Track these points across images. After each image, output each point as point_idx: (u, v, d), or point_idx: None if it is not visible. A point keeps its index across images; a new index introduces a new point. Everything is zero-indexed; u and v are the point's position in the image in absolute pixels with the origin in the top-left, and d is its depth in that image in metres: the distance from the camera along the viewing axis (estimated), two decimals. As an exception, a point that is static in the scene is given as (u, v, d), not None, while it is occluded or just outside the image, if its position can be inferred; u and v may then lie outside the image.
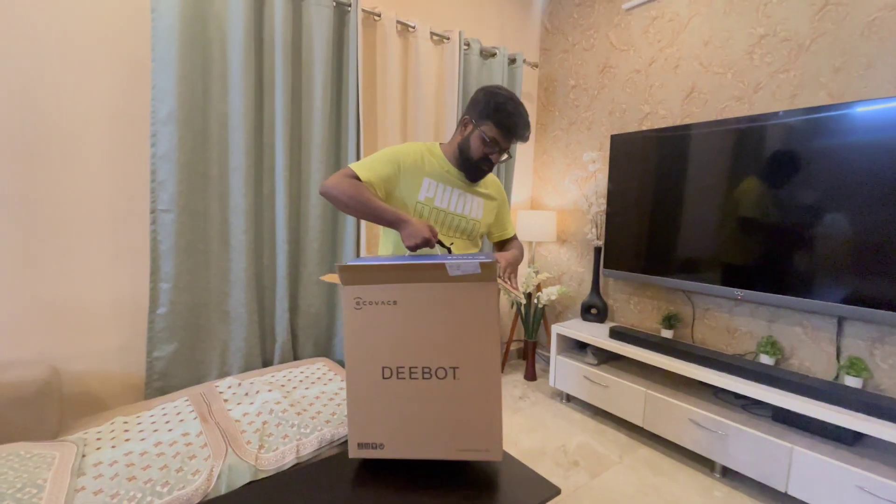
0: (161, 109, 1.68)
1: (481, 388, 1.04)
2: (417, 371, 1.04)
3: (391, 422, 1.05)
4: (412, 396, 1.05)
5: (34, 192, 1.57)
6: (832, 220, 1.73)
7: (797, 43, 1.92)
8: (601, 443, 2.17)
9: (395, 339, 1.04)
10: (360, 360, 1.05)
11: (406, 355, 1.04)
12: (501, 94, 1.26)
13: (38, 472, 1.12)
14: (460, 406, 1.04)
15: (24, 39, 1.52)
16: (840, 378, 1.81)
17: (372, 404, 1.05)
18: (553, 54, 3.07)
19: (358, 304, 1.03)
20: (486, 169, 1.32)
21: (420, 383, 1.04)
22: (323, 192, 1.21)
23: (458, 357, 1.04)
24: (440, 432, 1.05)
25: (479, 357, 1.04)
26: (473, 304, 1.02)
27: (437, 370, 1.04)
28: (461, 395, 1.04)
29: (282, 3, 1.89)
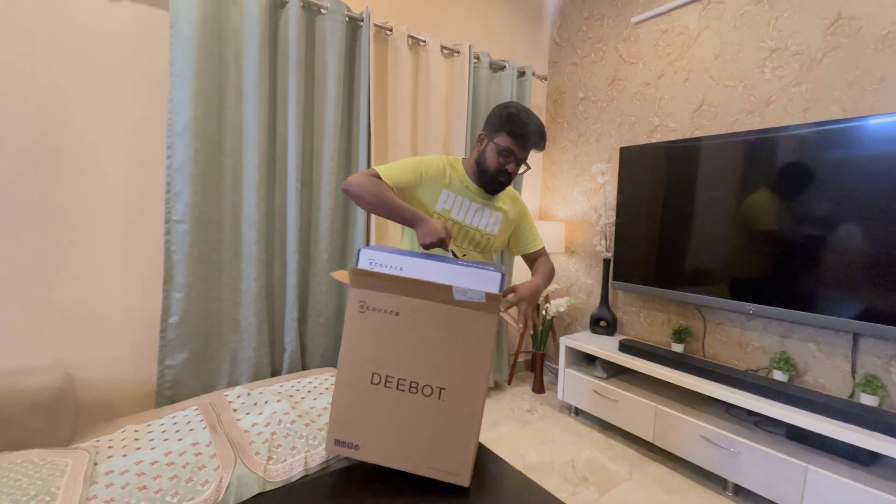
0: (177, 122, 1.72)
1: (463, 412, 1.06)
2: (405, 384, 1.07)
3: (371, 426, 1.08)
4: (395, 407, 1.07)
5: (52, 201, 1.62)
6: (846, 234, 1.71)
7: (809, 57, 1.92)
8: (610, 458, 2.14)
9: (390, 349, 1.07)
10: (353, 360, 1.07)
11: (397, 366, 1.07)
12: (513, 104, 1.28)
13: (52, 480, 1.14)
14: (439, 426, 1.06)
15: (46, 54, 1.57)
16: (855, 396, 1.77)
17: (355, 405, 1.08)
18: (562, 67, 3.08)
19: (362, 307, 1.06)
20: (503, 180, 1.32)
21: (405, 396, 1.07)
22: (345, 188, 1.24)
23: (446, 378, 1.06)
24: (415, 447, 1.07)
25: (467, 382, 1.06)
26: (472, 331, 1.06)
27: (423, 387, 1.07)
28: (442, 416, 1.06)
29: (296, 19, 1.93)
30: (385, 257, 1.06)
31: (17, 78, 1.53)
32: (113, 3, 1.67)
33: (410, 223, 1.20)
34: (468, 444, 1.06)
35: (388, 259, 1.06)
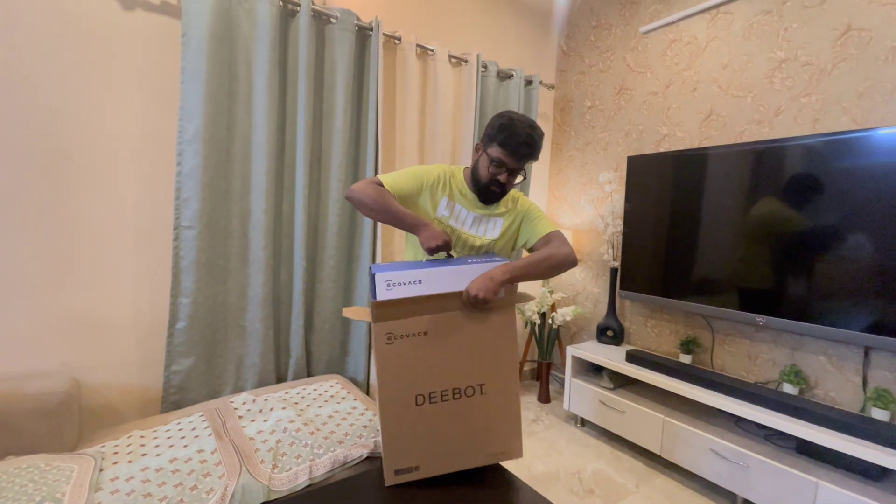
0: (188, 129, 1.74)
1: (504, 396, 1.14)
2: (448, 393, 1.11)
3: (425, 444, 1.12)
4: (444, 417, 1.12)
5: (62, 206, 1.63)
6: (857, 245, 1.69)
7: (818, 68, 1.91)
8: (617, 470, 2.12)
9: (426, 368, 1.10)
10: (393, 391, 1.09)
11: (438, 380, 1.11)
12: (507, 114, 1.27)
13: (57, 486, 1.14)
14: (487, 416, 1.14)
15: (59, 61, 1.59)
16: (867, 410, 1.74)
17: (407, 431, 1.10)
18: (569, 75, 3.09)
19: (390, 339, 1.08)
20: (496, 190, 1.31)
21: (451, 404, 1.12)
22: (348, 195, 1.26)
23: (483, 374, 1.13)
24: (470, 443, 1.14)
25: (503, 370, 1.14)
26: (496, 325, 1.13)
27: (466, 389, 1.12)
28: (488, 407, 1.13)
29: (306, 28, 1.95)
30: (401, 275, 1.08)
31: (29, 84, 1.55)
32: (126, 11, 1.70)
33: (412, 229, 1.22)
34: (516, 421, 1.16)
35: (404, 276, 1.08)
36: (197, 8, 1.71)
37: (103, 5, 1.65)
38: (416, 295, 1.07)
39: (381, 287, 1.06)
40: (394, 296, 1.07)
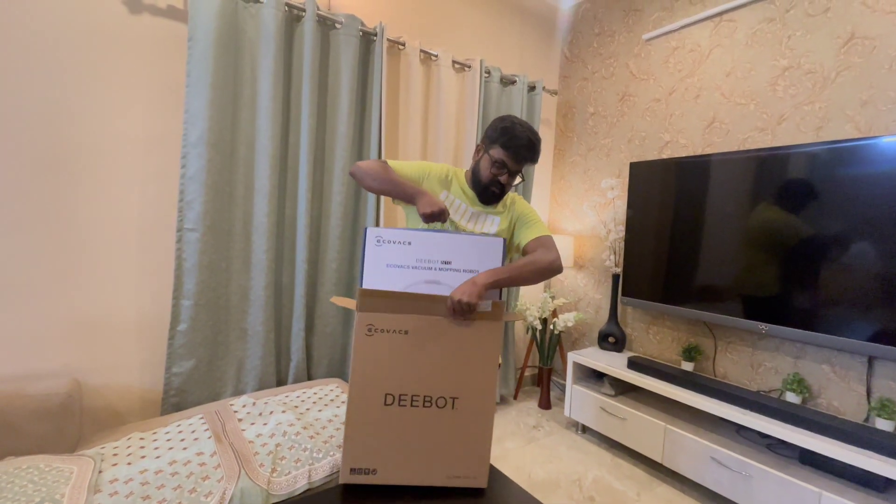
0: (192, 132, 1.75)
1: (477, 418, 1.10)
2: (419, 399, 1.09)
3: (386, 448, 1.08)
4: (410, 424, 1.08)
5: (66, 208, 1.64)
6: (861, 254, 1.68)
7: (822, 76, 1.91)
8: (618, 478, 2.10)
9: (401, 368, 1.08)
10: (364, 385, 1.08)
11: (410, 384, 1.08)
12: (509, 118, 1.31)
13: (57, 487, 1.14)
14: (455, 435, 1.09)
15: (67, 63, 1.61)
16: (870, 420, 1.73)
17: (370, 430, 1.08)
18: (572, 82, 3.10)
19: (370, 330, 1.07)
20: (496, 191, 1.33)
21: (420, 411, 1.09)
22: (353, 171, 1.32)
23: (458, 388, 1.09)
24: (433, 459, 1.09)
25: (479, 389, 1.10)
26: (480, 339, 1.10)
27: (437, 399, 1.09)
28: (457, 425, 1.09)
29: (311, 33, 1.97)
30: (392, 233, 1.09)
31: (36, 86, 1.57)
32: (133, 15, 1.71)
33: (411, 197, 1.25)
34: (484, 447, 1.10)
35: (395, 235, 1.09)
36: (203, 13, 1.73)
37: (111, 9, 1.67)
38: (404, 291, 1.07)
39: (371, 242, 1.07)
40: (383, 252, 1.07)
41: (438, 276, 1.10)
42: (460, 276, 1.12)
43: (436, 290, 1.10)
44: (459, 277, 1.11)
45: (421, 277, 1.09)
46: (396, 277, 1.08)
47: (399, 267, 1.09)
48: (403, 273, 1.09)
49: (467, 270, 1.12)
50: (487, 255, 1.13)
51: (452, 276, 1.11)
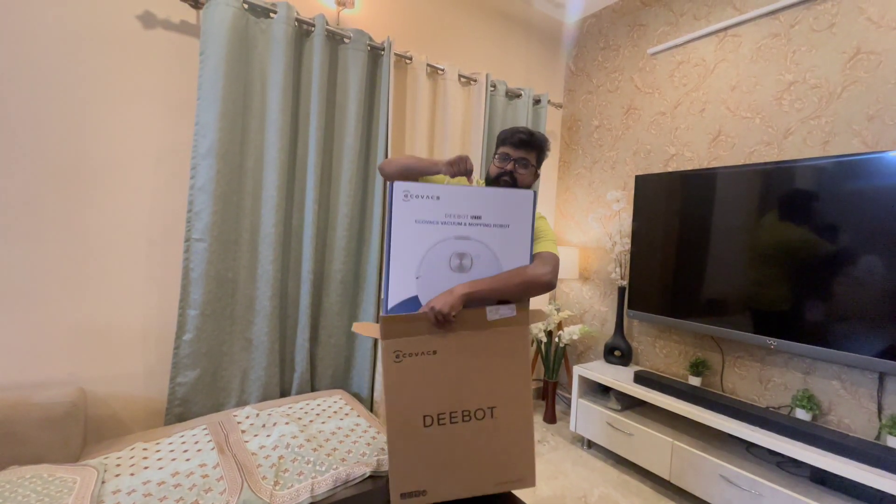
0: (202, 144, 1.78)
1: (517, 422, 1.10)
2: (457, 415, 1.07)
3: (433, 467, 1.07)
4: (453, 440, 1.07)
5: (75, 217, 1.66)
6: (871, 269, 1.66)
7: (828, 90, 1.91)
8: (624, 495, 2.07)
9: (435, 388, 1.07)
10: (400, 412, 1.06)
11: (447, 402, 1.07)
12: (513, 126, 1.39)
13: (59, 497, 1.13)
14: (498, 442, 1.09)
15: (81, 75, 1.64)
16: (882, 438, 1.69)
17: (413, 453, 1.06)
18: (577, 95, 3.12)
19: (398, 356, 1.05)
20: (507, 180, 1.32)
21: (460, 427, 1.07)
22: (380, 166, 1.37)
23: (495, 397, 1.09)
24: (480, 469, 1.09)
25: (515, 394, 1.10)
26: (509, 346, 1.09)
27: (476, 412, 1.08)
28: (499, 432, 1.09)
29: (320, 47, 2.00)
30: (420, 187, 1.05)
31: (50, 97, 1.60)
32: (147, 30, 1.75)
33: (434, 164, 1.25)
34: (529, 447, 1.11)
35: (423, 189, 1.05)
36: (215, 27, 1.76)
37: (125, 23, 1.71)
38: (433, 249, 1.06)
39: (399, 197, 1.03)
40: (411, 208, 1.03)
41: (469, 231, 1.07)
42: (490, 230, 1.08)
43: (466, 246, 1.07)
44: (490, 232, 1.08)
45: (451, 233, 1.05)
46: (425, 234, 1.04)
47: (428, 223, 1.05)
48: (432, 229, 1.05)
49: (497, 225, 1.09)
50: (518, 209, 1.09)
51: (483, 231, 1.08)
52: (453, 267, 1.06)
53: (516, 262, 1.07)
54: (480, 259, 1.07)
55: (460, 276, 1.06)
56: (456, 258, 1.06)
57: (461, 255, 1.06)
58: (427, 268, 1.05)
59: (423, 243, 1.05)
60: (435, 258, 1.05)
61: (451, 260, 1.06)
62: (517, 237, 1.10)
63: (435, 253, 1.05)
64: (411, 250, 1.04)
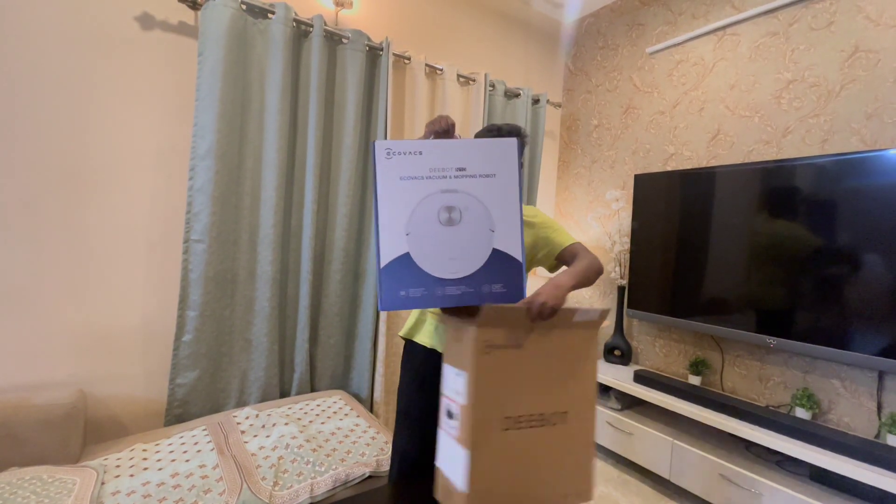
0: (201, 145, 1.78)
1: (584, 430, 1.05)
2: (535, 419, 1.03)
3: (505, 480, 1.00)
4: (526, 449, 1.01)
5: (74, 218, 1.66)
6: (870, 267, 1.66)
7: (826, 89, 1.91)
8: (624, 494, 2.07)
9: (518, 387, 1.02)
10: (484, 412, 0.99)
11: (527, 403, 1.02)
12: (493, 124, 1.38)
13: (59, 498, 1.14)
14: (565, 451, 1.04)
15: (79, 76, 1.65)
16: (882, 436, 1.69)
17: (489, 462, 0.99)
18: (576, 94, 3.12)
19: (488, 349, 1.01)
20: None
21: (533, 433, 1.02)
22: None
23: (566, 402, 1.04)
24: (544, 481, 1.03)
25: (584, 399, 1.06)
26: (583, 348, 1.06)
27: (550, 416, 1.03)
28: (566, 441, 1.04)
29: (318, 48, 2.00)
30: (402, 144, 1.03)
31: (48, 98, 1.60)
32: (145, 31, 1.75)
33: None
34: (591, 459, 1.06)
35: (404, 146, 1.03)
36: (213, 28, 1.76)
37: (123, 24, 1.71)
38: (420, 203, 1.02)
39: (381, 156, 1.01)
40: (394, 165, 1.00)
41: (454, 184, 1.04)
42: (477, 181, 1.05)
43: (454, 199, 1.03)
44: (476, 183, 1.05)
45: (437, 187, 1.03)
46: (412, 190, 1.02)
47: (413, 178, 1.02)
48: (418, 185, 1.02)
49: (483, 175, 1.06)
50: (502, 158, 1.06)
51: (469, 182, 1.05)
52: (442, 221, 1.03)
53: (506, 210, 1.05)
54: (469, 211, 1.04)
55: (450, 229, 1.03)
56: (445, 212, 1.03)
57: (450, 209, 1.04)
58: (416, 223, 1.03)
59: (410, 199, 1.03)
60: (423, 213, 1.03)
61: (439, 214, 1.03)
62: (504, 185, 1.07)
63: (423, 208, 1.03)
64: (399, 207, 1.02)
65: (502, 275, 1.04)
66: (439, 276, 1.02)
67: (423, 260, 1.02)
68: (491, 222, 1.06)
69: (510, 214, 1.06)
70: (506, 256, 1.04)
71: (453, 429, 1.01)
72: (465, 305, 1.00)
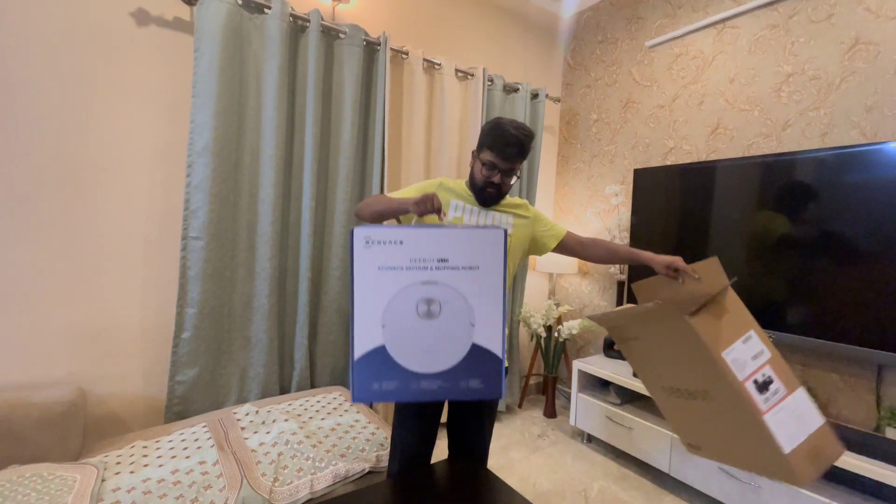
0: (198, 142, 1.77)
1: (735, 405, 1.03)
2: (682, 392, 1.12)
3: (693, 430, 1.14)
4: (692, 412, 1.12)
5: (72, 216, 1.66)
6: (869, 260, 1.66)
7: (826, 81, 1.90)
8: (624, 489, 2.07)
9: (653, 366, 1.18)
10: (648, 380, 1.21)
11: (669, 378, 1.15)
12: (496, 119, 1.30)
13: (59, 496, 1.14)
14: (727, 425, 1.06)
15: (74, 74, 1.64)
16: (881, 429, 1.70)
17: (676, 414, 1.17)
18: (575, 89, 3.11)
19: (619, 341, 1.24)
20: (492, 192, 1.33)
21: (689, 402, 1.11)
22: (356, 209, 1.33)
23: (702, 381, 1.08)
24: (730, 445, 1.08)
25: (718, 379, 1.04)
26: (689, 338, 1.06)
27: (693, 391, 1.10)
28: (723, 415, 1.06)
29: (315, 43, 1.99)
30: (382, 232, 1.00)
31: (43, 96, 1.59)
32: (140, 27, 1.74)
33: (403, 203, 1.20)
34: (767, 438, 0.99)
35: (385, 234, 1.00)
36: (209, 24, 1.75)
37: (118, 20, 1.70)
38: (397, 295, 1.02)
39: (360, 245, 0.99)
40: (373, 255, 0.99)
41: (435, 275, 1.02)
42: (459, 273, 1.03)
43: (434, 291, 1.02)
44: (458, 276, 1.03)
45: (417, 278, 1.01)
46: (390, 281, 1.01)
47: (392, 269, 1.01)
48: (397, 275, 1.01)
49: (466, 267, 1.03)
50: (488, 250, 1.04)
51: (450, 274, 1.03)
52: (421, 313, 1.02)
53: (488, 304, 1.03)
54: (449, 304, 1.02)
55: (429, 322, 1.02)
56: (423, 304, 1.02)
57: (429, 301, 1.02)
58: (393, 315, 1.01)
59: (387, 290, 1.01)
60: (401, 305, 1.01)
61: (418, 306, 1.02)
62: (488, 278, 1.04)
63: (401, 300, 1.01)
64: (375, 299, 1.00)
65: (481, 370, 1.03)
66: (415, 370, 1.01)
67: (398, 353, 1.01)
68: (472, 316, 1.04)
69: (492, 309, 1.04)
70: (485, 352, 1.03)
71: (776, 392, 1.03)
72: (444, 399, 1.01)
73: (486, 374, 1.04)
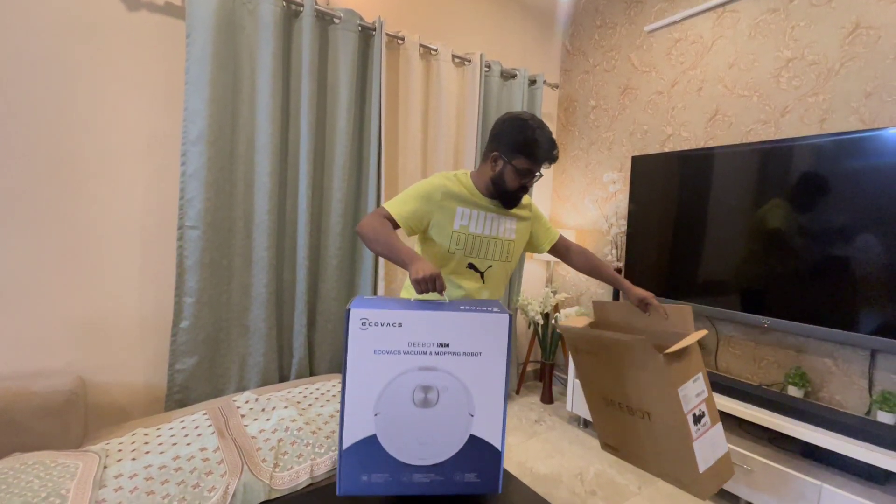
0: (192, 130, 1.75)
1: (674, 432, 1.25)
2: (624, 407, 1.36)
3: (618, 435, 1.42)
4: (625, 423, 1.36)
5: (68, 207, 1.65)
6: (864, 247, 1.67)
7: (826, 67, 1.89)
8: (619, 472, 2.11)
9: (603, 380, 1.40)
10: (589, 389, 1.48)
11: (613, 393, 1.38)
12: (528, 125, 1.24)
13: (62, 482, 1.15)
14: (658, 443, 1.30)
15: (65, 62, 1.61)
16: (872, 413, 1.72)
17: (606, 420, 1.45)
18: (574, 75, 3.08)
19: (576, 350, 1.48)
20: (521, 195, 1.34)
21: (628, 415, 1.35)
22: (357, 230, 1.25)
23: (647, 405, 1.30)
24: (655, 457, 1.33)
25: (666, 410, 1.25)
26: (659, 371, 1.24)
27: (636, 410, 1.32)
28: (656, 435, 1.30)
29: (309, 29, 1.96)
30: (379, 314, 0.95)
31: (34, 85, 1.57)
32: (131, 13, 1.71)
33: (404, 264, 1.14)
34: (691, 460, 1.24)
35: (382, 316, 0.95)
36: (201, 9, 1.72)
37: (107, 6, 1.67)
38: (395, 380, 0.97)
39: (355, 326, 0.94)
40: (369, 337, 0.93)
41: (435, 361, 0.96)
42: (460, 360, 0.97)
43: (432, 378, 0.97)
44: (459, 362, 0.97)
45: (414, 364, 0.96)
46: (386, 365, 0.95)
47: (388, 353, 0.95)
48: (393, 360, 0.95)
49: (468, 353, 0.97)
50: (492, 334, 0.98)
51: (451, 360, 0.97)
52: (417, 402, 0.96)
53: (489, 393, 0.97)
54: (448, 392, 0.97)
55: (425, 411, 0.96)
56: (420, 391, 0.96)
57: (426, 389, 0.96)
58: (387, 403, 0.95)
59: (382, 376, 0.95)
60: (396, 392, 0.95)
61: (414, 394, 0.96)
62: (490, 365, 0.98)
63: (396, 386, 0.95)
64: (369, 384, 0.94)
65: (478, 463, 0.98)
66: (407, 461, 0.96)
67: (390, 443, 0.95)
68: (471, 405, 0.98)
69: (493, 398, 0.98)
70: (484, 444, 0.98)
71: None
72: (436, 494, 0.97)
73: (483, 468, 0.99)
